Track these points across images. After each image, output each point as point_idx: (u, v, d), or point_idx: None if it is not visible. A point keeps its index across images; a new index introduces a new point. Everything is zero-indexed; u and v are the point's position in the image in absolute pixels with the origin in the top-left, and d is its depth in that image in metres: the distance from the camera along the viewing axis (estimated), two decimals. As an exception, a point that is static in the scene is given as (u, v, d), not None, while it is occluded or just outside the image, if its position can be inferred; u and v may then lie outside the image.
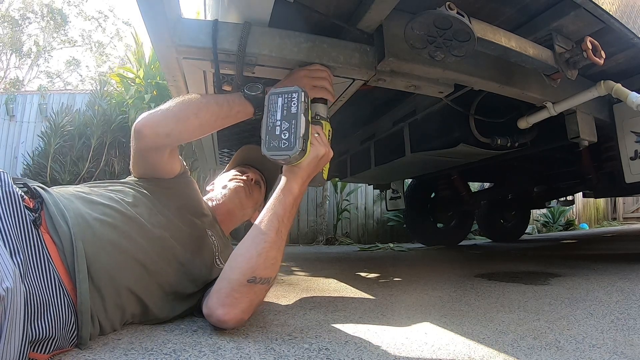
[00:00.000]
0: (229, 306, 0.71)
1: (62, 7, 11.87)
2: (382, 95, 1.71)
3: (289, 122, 0.73)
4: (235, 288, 0.71)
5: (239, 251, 0.75)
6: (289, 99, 0.75)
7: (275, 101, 0.76)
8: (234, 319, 0.71)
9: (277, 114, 0.75)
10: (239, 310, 0.71)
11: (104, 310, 0.66)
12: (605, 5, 0.87)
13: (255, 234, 0.75)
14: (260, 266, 0.71)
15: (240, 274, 0.71)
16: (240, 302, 0.71)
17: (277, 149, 0.73)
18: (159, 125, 0.79)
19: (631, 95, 1.08)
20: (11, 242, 0.54)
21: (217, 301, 0.71)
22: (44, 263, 0.59)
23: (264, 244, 0.73)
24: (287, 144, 0.72)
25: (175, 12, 0.81)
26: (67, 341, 0.60)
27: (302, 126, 0.73)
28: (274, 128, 0.74)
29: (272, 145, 0.73)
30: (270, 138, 0.74)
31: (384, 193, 3.24)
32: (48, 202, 0.66)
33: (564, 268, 1.63)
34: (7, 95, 4.92)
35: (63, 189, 0.76)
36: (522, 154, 1.76)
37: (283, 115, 0.74)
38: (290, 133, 0.73)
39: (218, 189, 1.12)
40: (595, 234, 4.95)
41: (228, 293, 0.71)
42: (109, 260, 0.68)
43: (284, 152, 0.72)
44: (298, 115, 0.73)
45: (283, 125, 0.73)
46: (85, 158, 3.76)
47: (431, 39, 0.79)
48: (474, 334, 0.76)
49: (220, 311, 0.71)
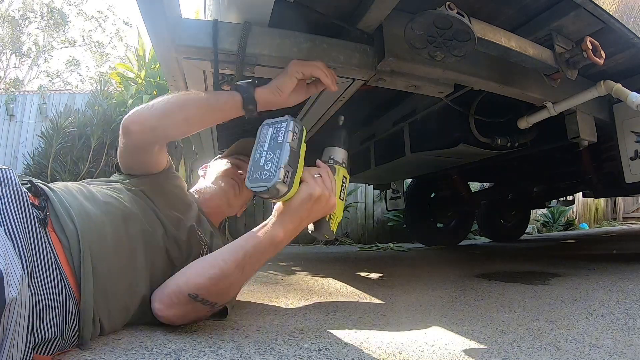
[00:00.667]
0: (164, 305, 0.71)
1: (62, 7, 11.88)
2: (382, 95, 1.71)
3: (273, 152, 0.67)
4: (175, 293, 0.70)
5: (197, 263, 0.73)
6: (277, 129, 0.70)
7: (266, 132, 0.71)
8: (165, 317, 0.72)
9: (265, 144, 0.69)
10: (172, 314, 0.72)
11: (108, 310, 0.66)
12: (605, 5, 0.87)
13: (216, 257, 0.72)
14: (205, 289, 0.69)
15: (184, 284, 0.70)
16: (176, 307, 0.71)
17: (257, 181, 0.66)
18: (146, 120, 0.77)
19: (631, 95, 1.08)
20: (19, 243, 0.54)
21: (158, 295, 0.72)
22: (51, 263, 0.58)
23: (217, 271, 0.69)
24: (267, 174, 0.65)
25: (175, 12, 0.81)
26: (69, 342, 0.60)
27: (286, 156, 0.66)
28: (259, 159, 0.68)
29: (254, 176, 0.67)
30: (254, 169, 0.68)
31: (384, 193, 3.24)
32: (53, 200, 0.66)
33: (564, 268, 1.63)
34: (7, 95, 4.92)
35: (65, 185, 0.75)
36: (522, 154, 1.76)
37: (270, 146, 0.68)
38: (272, 163, 0.66)
39: (208, 182, 1.09)
40: (595, 234, 4.95)
41: (168, 294, 0.71)
42: (113, 260, 0.68)
43: (263, 184, 0.65)
44: (283, 144, 0.67)
45: (267, 156, 0.67)
46: (85, 158, 3.76)
47: (431, 39, 0.79)
48: (474, 334, 0.76)
49: (156, 305, 0.71)
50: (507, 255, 2.51)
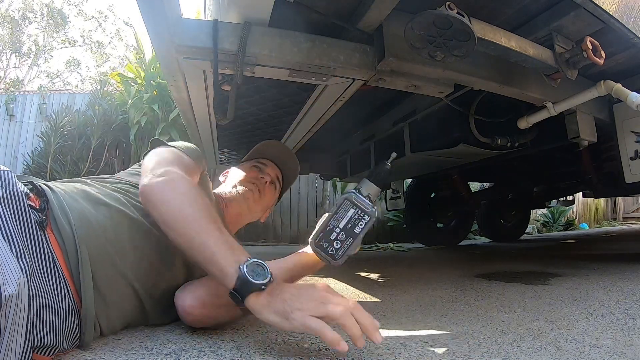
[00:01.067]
0: (198, 304, 0.71)
1: (62, 7, 11.88)
2: (382, 95, 1.71)
3: (347, 236, 0.73)
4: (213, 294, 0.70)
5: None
6: (360, 217, 0.73)
7: (347, 209, 0.74)
8: (195, 316, 0.72)
9: (342, 222, 0.73)
10: (205, 313, 0.72)
11: (107, 317, 0.66)
12: (606, 5, 0.87)
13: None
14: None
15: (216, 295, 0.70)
16: (208, 307, 0.72)
17: (322, 249, 0.73)
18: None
19: (631, 95, 1.08)
20: (17, 245, 0.53)
21: (190, 294, 0.73)
22: (50, 266, 0.58)
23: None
24: (334, 252, 0.73)
25: (175, 12, 0.81)
26: (70, 343, 0.60)
27: (355, 248, 0.74)
28: (332, 232, 0.73)
29: (320, 244, 0.73)
30: (324, 237, 0.73)
31: (384, 193, 3.24)
32: (52, 202, 0.65)
33: (564, 268, 1.63)
34: (7, 95, 4.93)
35: (67, 185, 0.74)
36: (522, 154, 1.76)
37: (346, 228, 0.73)
38: (342, 246, 0.73)
39: (229, 186, 1.07)
40: (595, 234, 4.95)
41: (204, 295, 0.72)
42: (114, 265, 0.67)
43: (327, 257, 0.73)
44: (358, 237, 0.73)
45: (340, 236, 0.73)
46: (85, 158, 3.76)
47: (431, 38, 0.79)
48: (474, 334, 0.76)
49: (187, 302, 0.71)
50: (507, 255, 2.51)
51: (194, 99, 1.22)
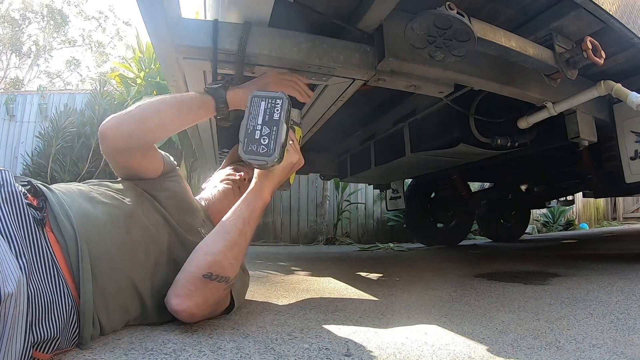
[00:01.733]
0: (182, 297, 0.71)
1: (62, 7, 11.88)
2: (382, 95, 1.72)
3: (269, 128, 0.73)
4: (190, 280, 0.71)
5: (200, 246, 0.75)
6: (272, 104, 0.75)
7: (258, 104, 0.75)
8: (187, 310, 0.71)
9: (258, 117, 0.74)
10: (192, 303, 0.71)
11: (106, 311, 0.66)
12: (606, 5, 0.87)
13: (217, 232, 0.76)
14: (217, 264, 0.72)
15: (195, 267, 0.71)
16: (194, 295, 0.71)
17: (254, 153, 0.73)
18: (121, 126, 0.78)
19: (631, 95, 1.08)
20: (16, 244, 0.54)
21: (173, 291, 0.72)
22: (49, 263, 0.58)
23: (225, 243, 0.74)
24: (265, 150, 0.72)
25: (175, 12, 0.81)
26: (69, 341, 0.60)
27: (283, 135, 0.74)
28: (254, 132, 0.73)
29: (250, 149, 0.73)
30: (249, 141, 0.73)
31: (384, 193, 3.25)
32: (52, 201, 0.66)
33: (564, 268, 1.63)
34: (7, 95, 4.93)
35: (65, 186, 0.75)
36: (522, 153, 1.76)
37: (264, 120, 0.74)
38: (270, 139, 0.73)
39: (209, 189, 1.12)
40: (595, 234, 4.95)
41: (183, 284, 0.71)
42: (113, 261, 0.68)
43: (262, 158, 0.72)
44: (280, 123, 0.73)
45: (263, 131, 0.73)
46: (85, 158, 3.76)
47: (431, 38, 0.80)
48: (474, 334, 0.76)
49: (174, 301, 0.71)
50: (507, 255, 2.51)
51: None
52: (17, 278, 0.47)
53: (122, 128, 0.78)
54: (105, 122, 0.78)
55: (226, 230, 0.75)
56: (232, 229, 0.75)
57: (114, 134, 0.78)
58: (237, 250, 0.75)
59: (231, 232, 0.75)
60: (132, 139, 0.79)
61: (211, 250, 0.73)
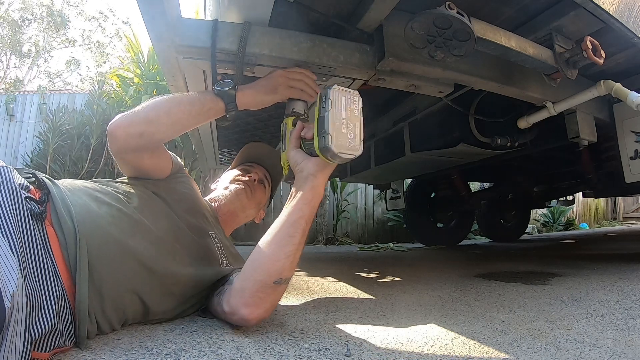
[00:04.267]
0: (254, 306, 0.71)
1: (62, 8, 11.87)
2: (382, 95, 1.71)
3: (353, 123, 0.72)
4: (260, 289, 0.71)
5: (265, 252, 0.74)
6: (351, 101, 0.74)
7: (339, 99, 0.73)
8: (258, 317, 0.73)
9: (342, 112, 0.72)
10: (263, 310, 0.72)
11: (102, 310, 0.66)
12: (606, 5, 0.87)
13: (282, 236, 0.74)
14: (287, 268, 0.72)
15: (267, 276, 0.71)
16: (265, 302, 0.72)
17: (345, 148, 0.71)
18: (131, 126, 0.78)
19: (631, 95, 1.08)
20: (13, 240, 0.54)
21: (242, 300, 0.72)
22: (44, 258, 0.58)
23: (292, 247, 0.72)
24: (352, 144, 0.71)
25: (175, 11, 0.81)
26: (66, 339, 0.59)
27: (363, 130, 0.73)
28: (340, 126, 0.71)
29: (340, 143, 0.70)
30: (338, 135, 0.71)
31: (384, 193, 3.24)
32: (54, 195, 0.66)
33: (564, 268, 1.63)
34: (7, 95, 4.92)
35: (71, 182, 0.75)
36: (522, 153, 1.76)
37: (348, 116, 0.73)
38: (355, 135, 0.72)
39: (220, 190, 1.10)
40: (595, 234, 4.95)
41: (253, 293, 0.71)
42: (113, 260, 0.67)
43: (351, 152, 0.71)
44: (360, 119, 0.73)
45: (348, 126, 0.72)
46: (84, 158, 3.76)
47: (431, 38, 0.79)
48: (474, 333, 0.76)
49: (245, 310, 0.71)
50: (507, 255, 2.51)
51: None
52: (17, 278, 0.47)
53: (132, 128, 0.78)
54: (113, 122, 0.78)
55: (290, 234, 0.73)
56: (296, 230, 0.73)
57: (124, 135, 0.78)
58: (301, 250, 0.75)
59: (296, 234, 0.73)
60: (142, 138, 0.79)
61: (280, 257, 0.72)
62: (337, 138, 0.70)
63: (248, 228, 1.05)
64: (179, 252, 0.80)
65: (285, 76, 0.88)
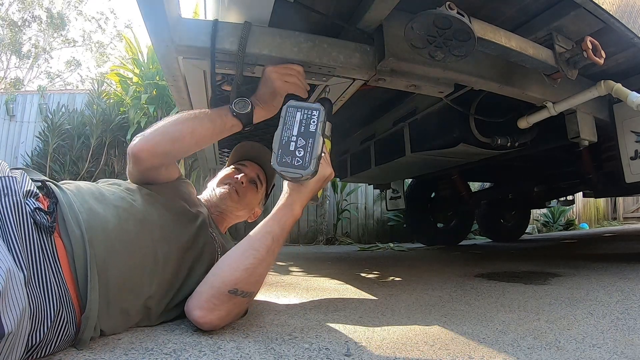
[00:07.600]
0: (206, 310, 0.71)
1: (62, 9, 11.86)
2: (382, 95, 1.71)
3: (305, 140, 0.70)
4: (214, 295, 0.71)
5: (226, 260, 0.74)
6: (308, 116, 0.72)
7: (294, 115, 0.72)
8: (209, 323, 0.72)
9: (293, 128, 0.71)
10: (215, 316, 0.72)
11: (109, 316, 0.66)
12: (606, 5, 0.87)
13: (246, 248, 0.74)
14: (244, 280, 0.71)
15: (221, 283, 0.71)
16: (219, 309, 0.71)
17: (288, 165, 0.69)
18: (157, 147, 0.79)
19: (631, 95, 1.08)
20: (19, 254, 0.53)
21: (197, 303, 0.72)
22: (50, 272, 0.58)
23: (253, 260, 0.72)
24: (300, 162, 0.69)
25: (175, 12, 0.81)
26: (65, 344, 0.60)
27: (319, 147, 0.71)
28: (289, 143, 0.70)
29: (284, 160, 0.69)
30: (283, 152, 0.70)
31: (384, 193, 3.25)
32: (62, 203, 0.65)
33: (564, 268, 1.63)
34: (7, 95, 4.92)
35: (76, 185, 0.75)
36: (522, 154, 1.76)
37: (300, 132, 0.71)
38: (305, 152, 0.70)
39: (209, 190, 1.09)
40: (595, 234, 4.95)
41: (207, 298, 0.71)
42: (120, 266, 0.67)
43: (297, 171, 0.69)
44: (316, 135, 0.71)
45: (299, 142, 0.70)
46: (84, 158, 3.76)
47: (431, 38, 0.80)
48: (474, 333, 0.76)
49: (197, 313, 0.71)
50: (507, 255, 2.51)
51: (194, 99, 1.22)
52: (23, 303, 0.47)
53: (158, 148, 0.80)
54: (135, 144, 0.78)
55: (255, 247, 0.73)
56: (261, 246, 0.73)
57: (149, 156, 0.80)
58: (264, 267, 0.75)
59: (260, 249, 0.73)
60: (167, 157, 0.83)
61: (239, 267, 0.72)
62: (280, 156, 0.70)
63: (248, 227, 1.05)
64: (180, 252, 0.80)
65: (275, 71, 0.90)
